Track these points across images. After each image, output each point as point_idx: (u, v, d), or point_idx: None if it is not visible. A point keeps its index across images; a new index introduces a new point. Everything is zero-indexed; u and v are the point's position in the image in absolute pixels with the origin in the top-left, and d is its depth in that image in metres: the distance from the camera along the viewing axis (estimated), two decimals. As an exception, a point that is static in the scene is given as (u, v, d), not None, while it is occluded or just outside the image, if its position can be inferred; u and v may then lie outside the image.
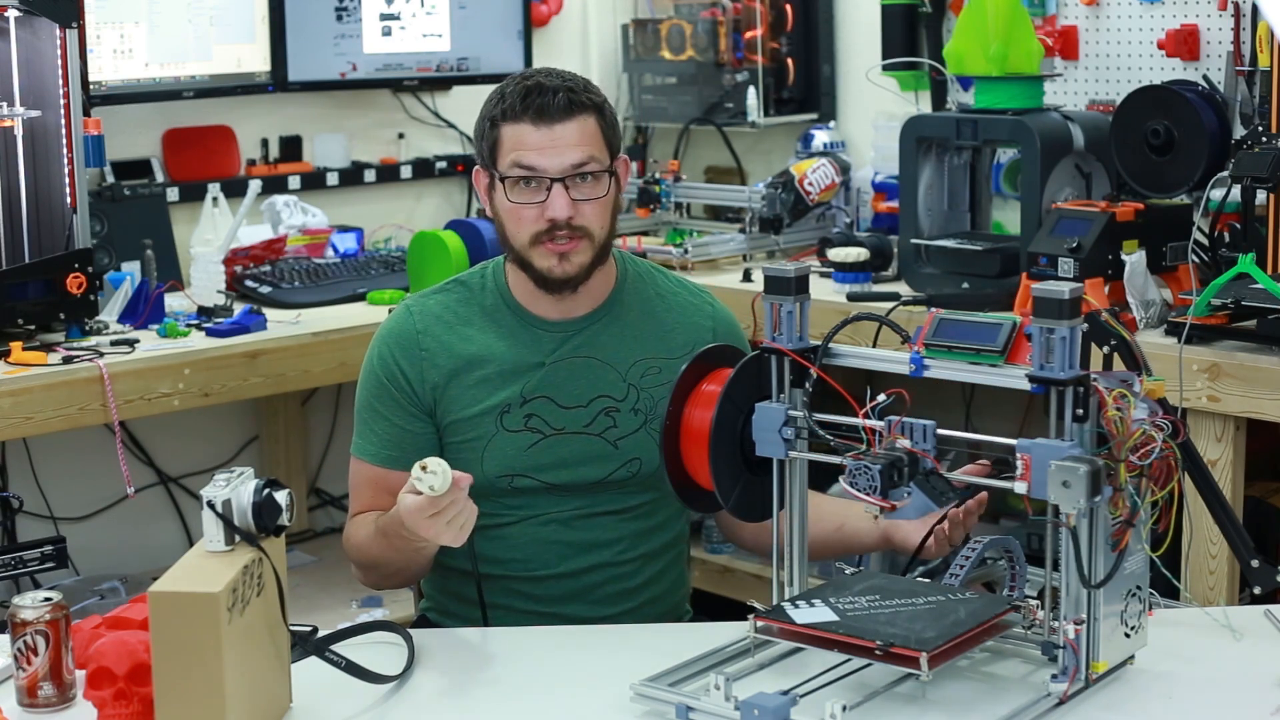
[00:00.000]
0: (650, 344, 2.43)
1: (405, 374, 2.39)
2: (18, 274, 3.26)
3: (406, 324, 2.42)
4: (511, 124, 2.32)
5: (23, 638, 1.92)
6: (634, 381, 2.41)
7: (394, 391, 2.39)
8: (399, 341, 2.40)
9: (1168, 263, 3.18)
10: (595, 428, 2.38)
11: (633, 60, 4.59)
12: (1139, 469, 1.83)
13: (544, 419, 2.37)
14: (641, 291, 2.47)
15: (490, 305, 2.43)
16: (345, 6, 4.14)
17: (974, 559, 2.07)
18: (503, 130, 2.33)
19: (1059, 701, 1.85)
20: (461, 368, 2.38)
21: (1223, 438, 2.89)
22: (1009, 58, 3.38)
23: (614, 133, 2.38)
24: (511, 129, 2.32)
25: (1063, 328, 1.80)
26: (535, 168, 2.30)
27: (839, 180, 3.96)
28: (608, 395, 2.39)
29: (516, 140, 2.31)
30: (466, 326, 2.41)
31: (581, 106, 2.32)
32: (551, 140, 2.30)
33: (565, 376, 2.39)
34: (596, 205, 2.34)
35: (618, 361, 2.41)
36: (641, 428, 2.39)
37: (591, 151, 2.32)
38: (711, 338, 2.41)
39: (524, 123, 2.31)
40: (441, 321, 2.41)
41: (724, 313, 2.52)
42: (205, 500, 1.82)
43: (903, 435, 1.89)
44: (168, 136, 4.03)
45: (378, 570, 2.39)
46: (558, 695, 2.00)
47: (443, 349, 2.39)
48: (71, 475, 3.84)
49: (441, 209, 4.50)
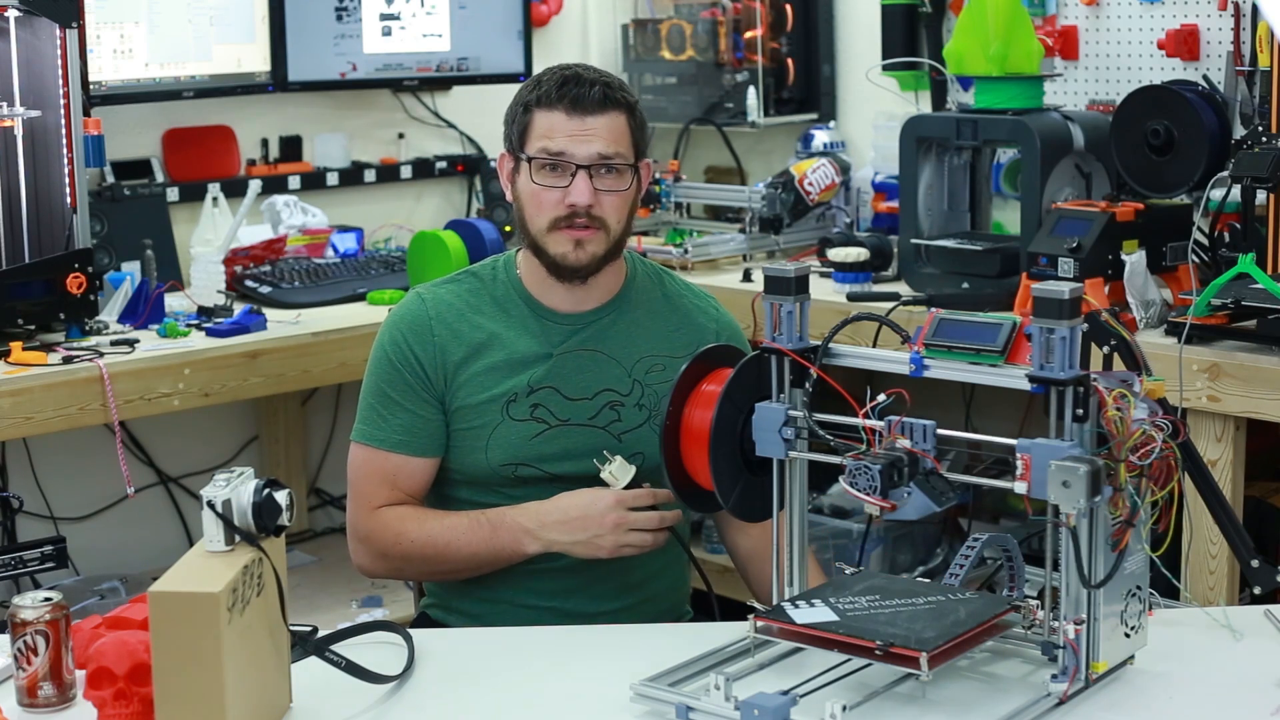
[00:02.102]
0: (656, 342, 2.46)
1: (419, 359, 2.40)
2: (18, 274, 3.26)
3: (419, 310, 2.43)
4: (545, 110, 2.36)
5: (23, 638, 1.92)
6: (639, 377, 2.43)
7: (407, 376, 2.40)
8: (412, 327, 2.42)
9: (1168, 263, 3.18)
10: (600, 421, 2.40)
11: (633, 60, 4.59)
12: (1139, 469, 1.83)
13: (550, 409, 2.39)
14: (649, 291, 2.50)
15: (501, 295, 2.45)
16: (345, 6, 4.14)
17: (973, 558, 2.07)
18: (535, 115, 2.37)
19: (1059, 701, 1.85)
20: (471, 355, 2.40)
21: (1223, 438, 2.89)
22: (1009, 58, 3.39)
23: (642, 134, 2.43)
24: (545, 115, 2.36)
25: (1063, 328, 1.80)
26: (564, 153, 2.35)
27: (839, 180, 3.96)
28: (613, 389, 2.41)
29: (549, 126, 2.36)
30: (477, 315, 2.43)
31: (615, 103, 2.37)
32: (583, 129, 2.35)
33: (572, 368, 2.41)
34: (616, 199, 2.38)
35: (624, 357, 2.43)
36: (645, 423, 2.41)
37: (619, 147, 2.37)
38: (714, 340, 2.43)
39: (558, 110, 2.35)
40: (453, 309, 2.43)
41: (727, 318, 2.55)
42: (205, 500, 1.82)
43: (903, 435, 1.89)
44: (168, 136, 4.03)
45: (435, 564, 2.39)
46: (558, 695, 2.00)
47: (454, 336, 2.41)
48: (71, 475, 3.84)
49: (441, 209, 4.50)
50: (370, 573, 2.48)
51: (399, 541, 2.39)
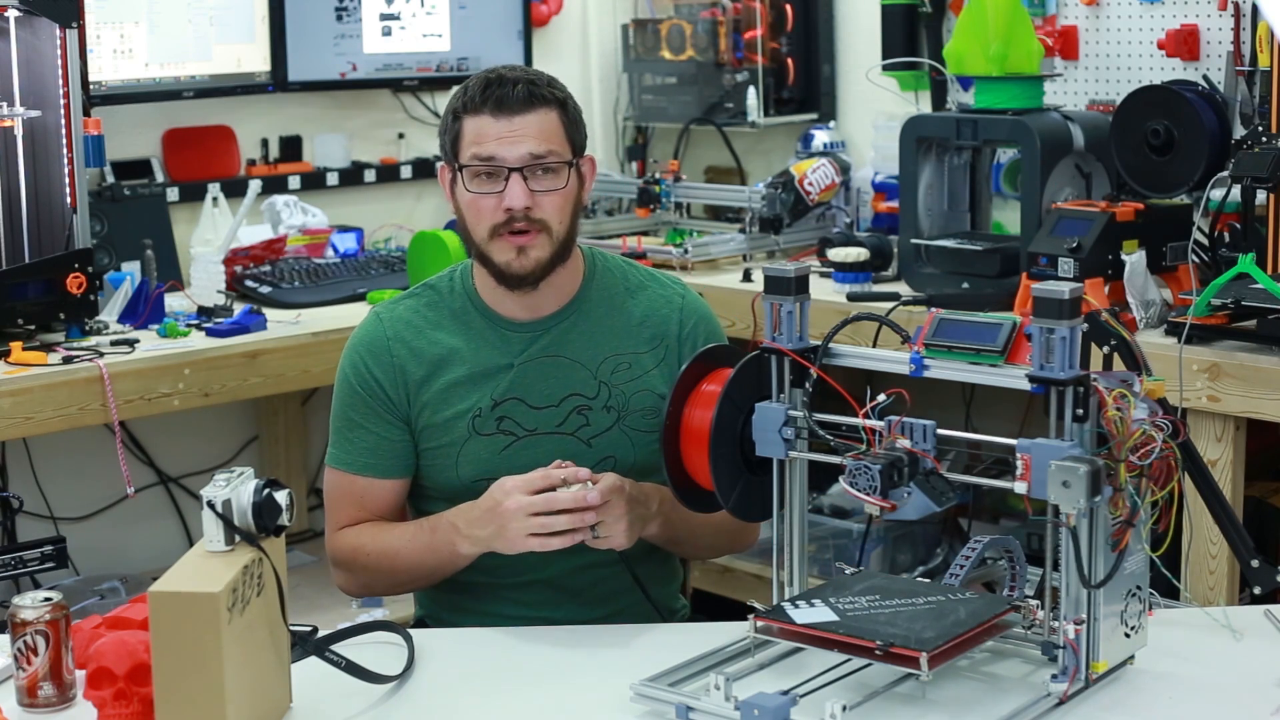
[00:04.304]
0: (618, 340, 2.41)
1: (379, 381, 2.38)
2: (18, 274, 3.26)
3: (376, 331, 2.41)
4: (472, 116, 2.32)
5: (23, 638, 1.92)
6: (604, 379, 2.39)
7: (369, 399, 2.38)
8: (370, 349, 2.40)
9: (1168, 263, 3.18)
10: (568, 427, 2.37)
11: (633, 60, 4.59)
12: (1139, 469, 1.83)
13: (516, 421, 2.36)
14: (610, 287, 2.45)
15: (458, 308, 2.42)
16: (345, 6, 4.14)
17: (974, 559, 2.07)
18: (464, 123, 2.33)
19: (1059, 701, 1.85)
20: (432, 372, 2.37)
21: (1223, 438, 2.89)
22: (1009, 58, 3.39)
23: (577, 130, 2.37)
24: (473, 121, 2.32)
25: (1063, 328, 1.80)
26: (494, 157, 2.30)
27: (839, 180, 3.96)
28: (579, 394, 2.38)
29: (477, 132, 2.32)
30: (435, 330, 2.40)
31: (542, 99, 2.32)
32: (510, 130, 2.30)
33: (535, 377, 2.38)
34: (555, 198, 2.33)
35: (587, 359, 2.40)
36: (614, 425, 2.38)
37: (551, 144, 2.32)
38: (678, 330, 2.42)
39: (484, 114, 2.31)
40: (411, 327, 2.40)
41: (694, 302, 2.48)
42: (205, 500, 1.82)
43: (903, 435, 1.89)
44: (168, 136, 4.03)
45: (393, 575, 2.38)
46: (558, 695, 2.00)
47: (412, 355, 2.38)
48: (71, 475, 3.84)
49: (441, 209, 4.49)
50: (347, 591, 2.47)
51: (357, 556, 2.38)
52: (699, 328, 2.44)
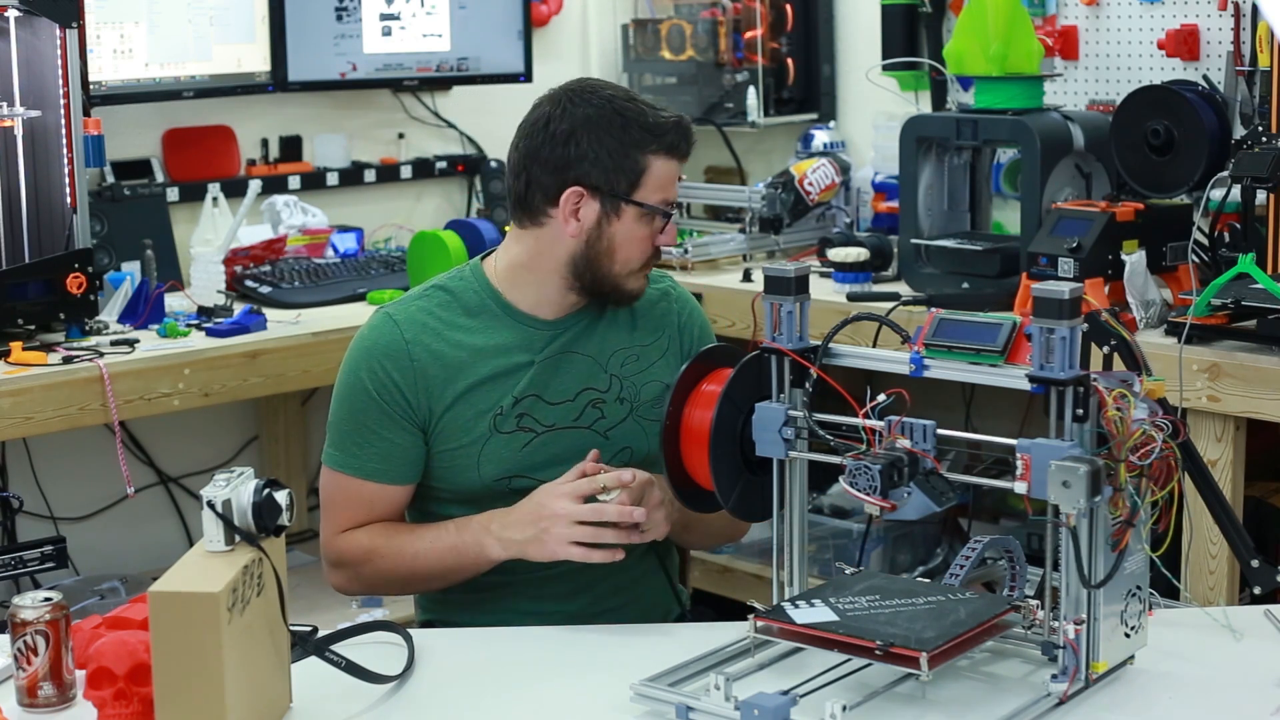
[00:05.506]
0: (625, 334, 2.44)
1: (399, 386, 2.34)
2: (18, 274, 3.26)
3: (393, 335, 2.37)
4: (665, 159, 2.34)
5: (23, 638, 1.92)
6: (615, 371, 2.41)
7: (386, 406, 2.35)
8: (389, 354, 2.36)
9: (1168, 263, 3.18)
10: (584, 420, 2.38)
11: (633, 60, 4.59)
12: (1139, 469, 1.83)
13: (535, 418, 2.37)
14: None
15: (476, 305, 2.40)
16: (345, 6, 4.14)
17: (974, 559, 2.07)
18: (655, 163, 2.33)
19: (1059, 701, 1.86)
20: (453, 375, 2.36)
21: (1223, 438, 2.89)
22: (1009, 58, 3.39)
23: None
24: (665, 164, 2.34)
25: (1063, 328, 1.80)
26: (673, 203, 2.37)
27: (839, 180, 3.96)
28: (592, 388, 2.39)
29: (668, 176, 2.34)
30: (453, 331, 2.38)
31: None
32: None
33: (552, 373, 2.38)
34: None
35: (598, 354, 2.41)
36: (629, 416, 2.40)
37: None
38: (677, 319, 2.48)
39: (674, 159, 2.35)
40: (429, 329, 2.37)
41: (682, 291, 2.53)
42: (205, 500, 1.82)
43: (903, 435, 1.90)
44: (168, 136, 4.03)
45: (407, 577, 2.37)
46: (558, 695, 2.00)
47: (434, 358, 2.36)
48: (71, 475, 3.84)
49: (441, 209, 4.50)
50: (346, 592, 2.46)
51: (370, 559, 2.36)
52: (693, 317, 2.51)
